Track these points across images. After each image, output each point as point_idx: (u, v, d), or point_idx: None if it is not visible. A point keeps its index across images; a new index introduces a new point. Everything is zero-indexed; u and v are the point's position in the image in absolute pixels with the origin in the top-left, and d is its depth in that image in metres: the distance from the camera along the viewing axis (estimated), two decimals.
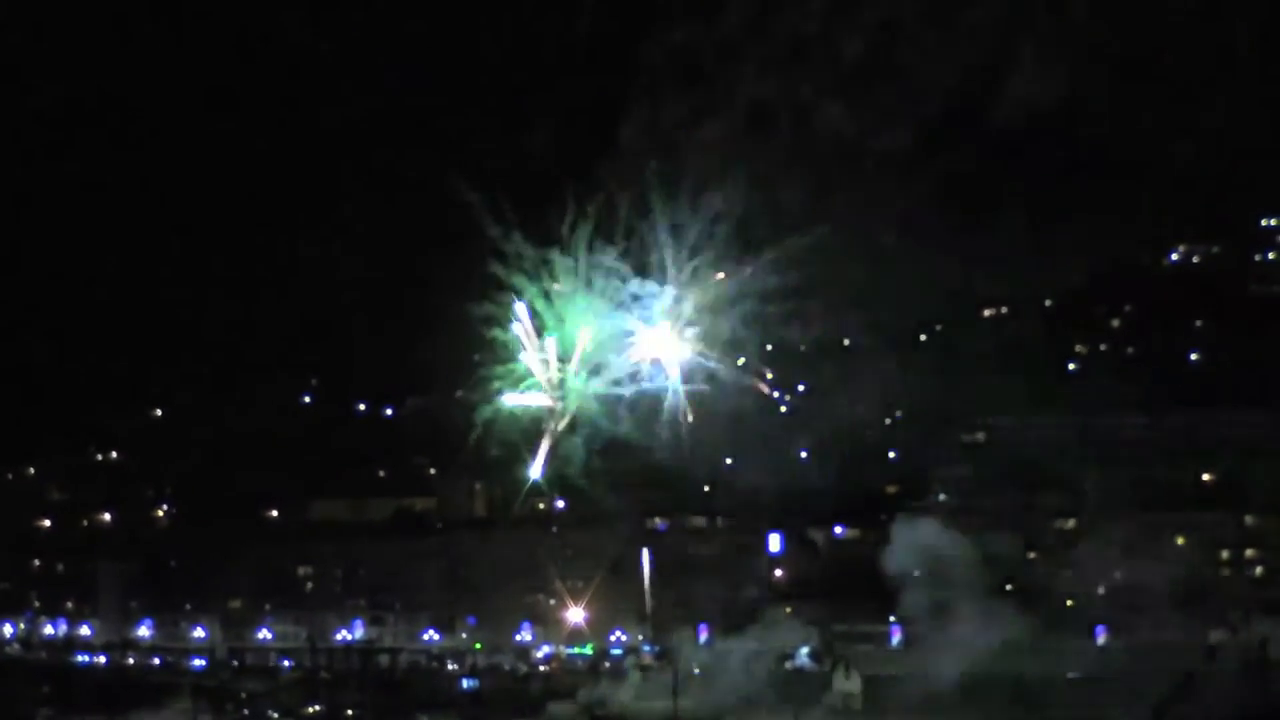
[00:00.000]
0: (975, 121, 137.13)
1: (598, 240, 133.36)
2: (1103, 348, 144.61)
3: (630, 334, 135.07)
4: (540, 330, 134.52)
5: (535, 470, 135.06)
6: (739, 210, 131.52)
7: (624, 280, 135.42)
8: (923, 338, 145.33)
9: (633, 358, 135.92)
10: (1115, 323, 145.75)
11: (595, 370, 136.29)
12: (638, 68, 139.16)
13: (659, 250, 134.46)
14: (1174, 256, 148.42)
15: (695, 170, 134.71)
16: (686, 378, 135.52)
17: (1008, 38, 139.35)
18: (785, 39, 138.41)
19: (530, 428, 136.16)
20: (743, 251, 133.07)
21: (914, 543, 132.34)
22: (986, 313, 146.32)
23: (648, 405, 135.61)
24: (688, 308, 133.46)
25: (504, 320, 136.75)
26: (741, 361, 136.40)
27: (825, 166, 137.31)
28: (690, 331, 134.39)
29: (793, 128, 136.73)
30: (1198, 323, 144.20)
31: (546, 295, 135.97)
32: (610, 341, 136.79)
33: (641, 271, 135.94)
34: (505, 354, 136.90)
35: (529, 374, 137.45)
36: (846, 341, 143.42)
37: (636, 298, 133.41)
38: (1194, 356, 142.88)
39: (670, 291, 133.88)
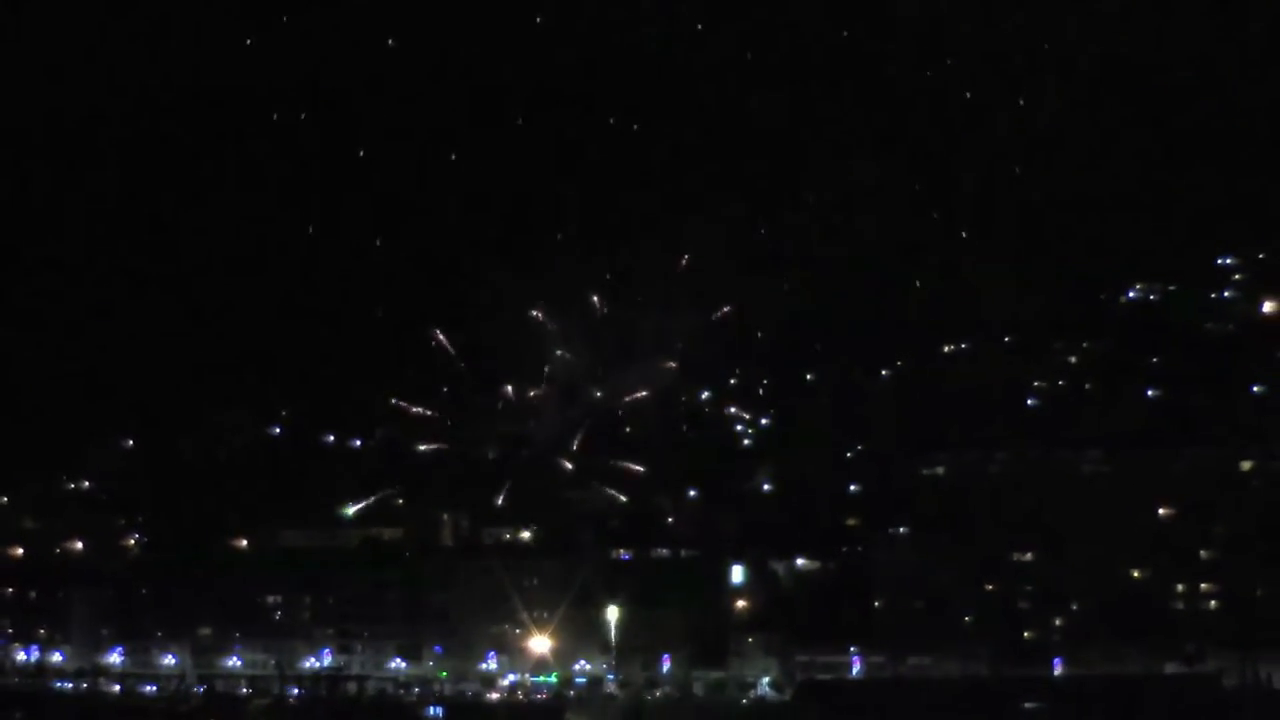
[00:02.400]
0: (942, 165, 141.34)
1: (579, 269, 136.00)
2: (1060, 383, 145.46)
3: (603, 364, 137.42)
4: (517, 361, 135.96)
5: (502, 500, 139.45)
6: (710, 246, 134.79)
7: (600, 309, 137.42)
8: (884, 373, 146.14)
9: (604, 389, 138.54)
10: (1073, 359, 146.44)
11: (569, 399, 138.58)
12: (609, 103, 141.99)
13: (636, 283, 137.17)
14: (1131, 294, 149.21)
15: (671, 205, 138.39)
16: (654, 408, 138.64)
17: (974, 85, 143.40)
18: (750, 75, 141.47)
19: (499, 458, 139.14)
20: (712, 288, 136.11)
21: (876, 572, 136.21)
22: (946, 349, 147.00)
23: (616, 436, 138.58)
24: (650, 343, 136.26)
25: (476, 351, 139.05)
26: (707, 395, 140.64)
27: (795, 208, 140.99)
28: (654, 364, 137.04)
29: (765, 170, 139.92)
30: (1154, 359, 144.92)
31: (523, 326, 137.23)
32: (583, 371, 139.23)
33: (617, 303, 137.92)
34: (476, 384, 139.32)
35: (499, 404, 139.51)
36: (810, 376, 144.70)
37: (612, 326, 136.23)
38: (1151, 392, 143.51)
39: (638, 326, 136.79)
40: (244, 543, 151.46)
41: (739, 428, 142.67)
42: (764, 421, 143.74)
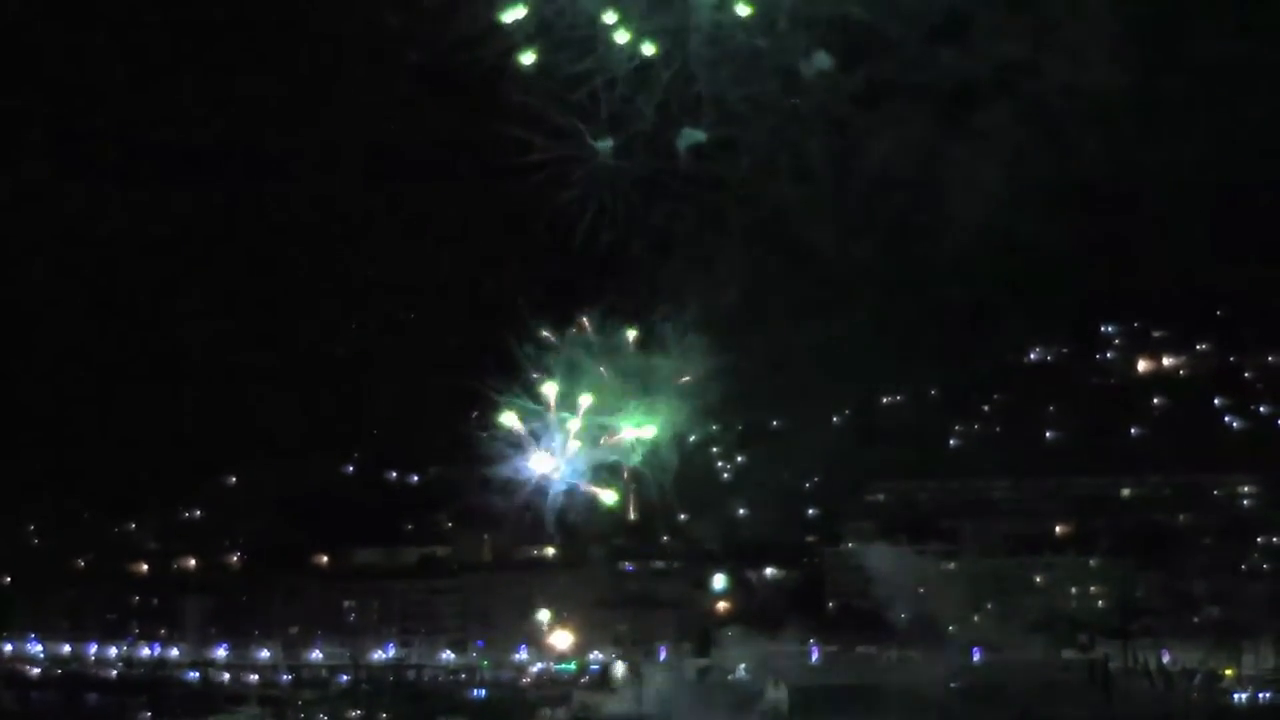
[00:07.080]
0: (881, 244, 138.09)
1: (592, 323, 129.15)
2: (977, 427, 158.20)
3: (616, 410, 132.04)
4: (546, 405, 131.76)
5: (533, 524, 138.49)
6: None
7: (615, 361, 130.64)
8: (835, 419, 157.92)
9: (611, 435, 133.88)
10: (986, 408, 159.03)
11: (590, 441, 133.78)
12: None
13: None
14: (1032, 355, 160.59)
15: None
16: (655, 448, 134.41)
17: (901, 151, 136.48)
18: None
19: (530, 491, 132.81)
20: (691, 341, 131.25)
21: (830, 580, 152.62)
22: (885, 400, 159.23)
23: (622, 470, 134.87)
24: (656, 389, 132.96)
25: (514, 397, 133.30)
26: (693, 437, 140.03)
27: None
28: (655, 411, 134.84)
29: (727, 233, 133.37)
30: (1051, 408, 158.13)
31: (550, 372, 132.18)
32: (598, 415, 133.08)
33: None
34: (513, 426, 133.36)
35: (533, 442, 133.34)
36: (775, 422, 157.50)
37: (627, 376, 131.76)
38: (1048, 434, 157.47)
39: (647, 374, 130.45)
40: (324, 559, 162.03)
41: (720, 464, 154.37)
42: (739, 459, 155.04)
